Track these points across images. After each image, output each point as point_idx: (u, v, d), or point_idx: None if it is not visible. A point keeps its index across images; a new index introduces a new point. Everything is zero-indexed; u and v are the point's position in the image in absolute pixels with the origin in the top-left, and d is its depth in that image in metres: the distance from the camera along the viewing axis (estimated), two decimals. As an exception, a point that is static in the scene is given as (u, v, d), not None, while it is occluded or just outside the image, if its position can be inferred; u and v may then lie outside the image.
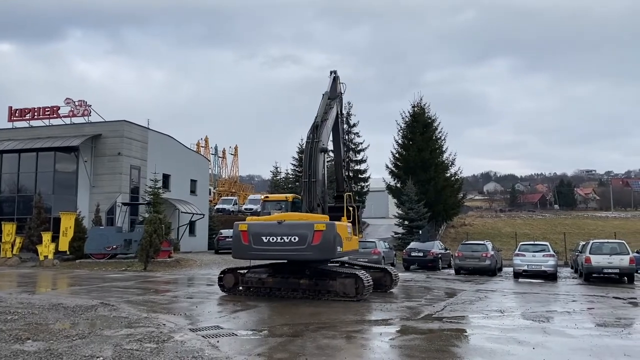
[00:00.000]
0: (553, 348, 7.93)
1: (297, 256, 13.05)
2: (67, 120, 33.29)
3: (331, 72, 17.29)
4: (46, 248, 26.23)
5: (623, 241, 21.14)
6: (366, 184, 46.76)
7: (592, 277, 19.85)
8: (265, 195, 15.56)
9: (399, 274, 16.90)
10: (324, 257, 13.20)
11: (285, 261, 14.35)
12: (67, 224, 27.26)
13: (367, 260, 20.67)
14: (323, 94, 16.32)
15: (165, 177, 35.26)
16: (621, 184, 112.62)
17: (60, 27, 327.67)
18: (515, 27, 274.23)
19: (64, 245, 26.97)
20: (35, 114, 33.64)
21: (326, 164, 15.69)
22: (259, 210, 17.65)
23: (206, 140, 71.78)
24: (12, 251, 27.30)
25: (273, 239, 12.82)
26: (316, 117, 15.25)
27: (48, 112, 33.43)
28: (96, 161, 32.22)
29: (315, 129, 14.86)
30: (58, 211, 29.45)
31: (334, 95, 16.67)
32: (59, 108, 33.19)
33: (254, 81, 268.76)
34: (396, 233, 38.22)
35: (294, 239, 12.75)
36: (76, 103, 32.94)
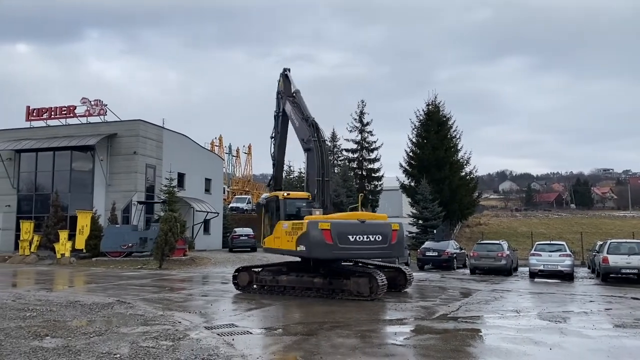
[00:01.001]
0: (570, 349, 7.84)
1: (380, 254, 13.74)
2: (84, 120, 33.70)
3: (284, 70, 17.21)
4: (63, 246, 26.58)
5: (641, 241, 20.82)
6: (380, 182, 46.58)
7: (609, 277, 19.57)
8: (287, 192, 15.37)
9: (413, 274, 16.80)
10: (399, 254, 14.81)
11: (300, 260, 14.38)
12: (84, 222, 27.59)
13: (381, 259, 20.59)
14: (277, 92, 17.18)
15: (180, 176, 35.51)
16: (639, 182, 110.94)
17: (77, 27, 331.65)
18: (530, 24, 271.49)
19: (80, 243, 27.30)
20: (52, 113, 34.09)
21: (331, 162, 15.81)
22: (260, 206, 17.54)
23: (220, 139, 72.04)
24: (30, 249, 27.72)
25: (359, 238, 12.95)
26: (309, 116, 15.24)
27: (65, 112, 33.86)
28: (112, 160, 32.55)
29: (316, 128, 14.86)
30: (75, 209, 29.84)
31: (288, 94, 16.55)
32: (75, 108, 33.63)
33: (267, 80, 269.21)
34: (410, 232, 38.02)
35: (378, 237, 13.17)
36: (92, 102, 33.32)
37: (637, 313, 11.78)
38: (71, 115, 33.78)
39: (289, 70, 17.18)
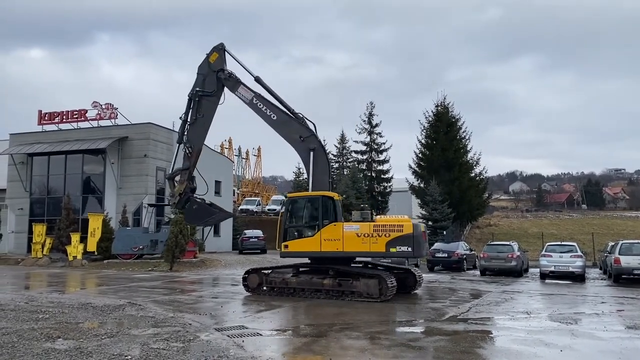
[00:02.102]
0: (581, 350, 7.80)
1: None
2: (95, 123, 33.98)
3: (220, 45, 15.89)
4: (75, 248, 26.80)
5: (654, 242, 20.61)
6: (389, 184, 46.54)
7: (621, 278, 19.40)
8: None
9: (423, 275, 16.78)
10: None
11: (309, 261, 14.42)
12: (95, 224, 27.81)
13: (390, 261, 20.57)
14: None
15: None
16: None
17: (88, 32, 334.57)
18: (540, 24, 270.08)
19: (92, 245, 27.52)
20: (64, 117, 34.40)
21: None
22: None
23: (230, 142, 72.26)
24: (42, 251, 27.96)
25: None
26: (293, 110, 15.05)
27: (76, 116, 34.15)
28: (123, 163, 32.80)
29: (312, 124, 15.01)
30: (86, 212, 30.13)
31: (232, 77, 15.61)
32: (86, 111, 33.91)
33: (276, 82, 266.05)
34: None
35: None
36: (103, 106, 33.58)
37: (650, 314, 11.67)
38: (82, 119, 34.07)
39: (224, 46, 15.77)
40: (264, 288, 14.61)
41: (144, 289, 16.14)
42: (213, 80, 15.60)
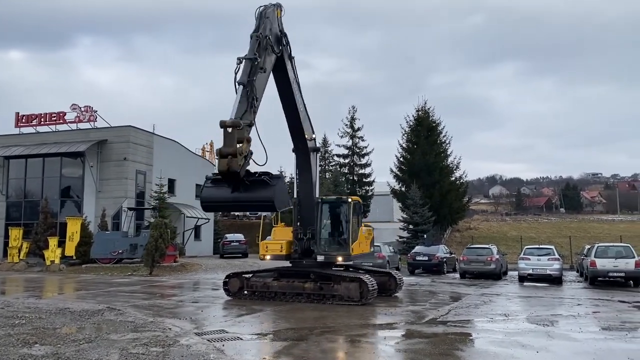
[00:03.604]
0: (557, 352, 7.95)
1: None
2: (74, 126, 33.57)
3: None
4: (53, 253, 26.39)
5: (629, 245, 21.05)
6: (371, 187, 46.76)
7: (597, 280, 19.77)
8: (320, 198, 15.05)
9: (404, 278, 16.91)
10: None
11: (290, 265, 14.45)
12: (74, 228, 27.42)
13: (371, 264, 20.68)
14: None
15: (171, 182, 35.43)
16: (627, 187, 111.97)
17: (69, 35, 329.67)
18: (523, 31, 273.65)
19: (70, 250, 27.11)
20: (42, 119, 33.93)
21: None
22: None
23: (211, 145, 71.70)
24: (19, 256, 27.46)
25: None
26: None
27: (54, 118, 33.70)
28: (102, 166, 32.43)
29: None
30: (64, 216, 29.66)
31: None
32: (65, 114, 33.50)
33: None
34: (401, 237, 38.17)
35: None
36: (82, 109, 33.22)
37: (624, 316, 11.94)
38: (61, 121, 33.62)
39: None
40: (245, 292, 14.57)
41: (124, 293, 15.98)
42: (275, 39, 12.96)
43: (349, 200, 14.64)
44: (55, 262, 26.12)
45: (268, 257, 14.55)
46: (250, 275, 14.76)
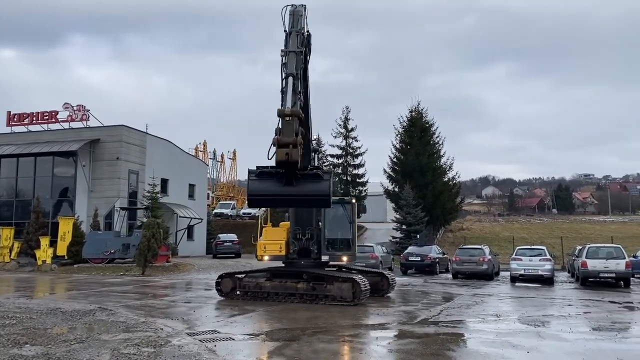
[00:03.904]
0: (547, 352, 8.01)
1: None
2: (66, 125, 33.37)
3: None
4: (44, 252, 26.24)
5: (619, 245, 21.22)
6: (364, 188, 46.87)
7: (588, 281, 19.92)
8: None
9: (397, 279, 16.96)
10: None
11: (283, 265, 14.46)
12: (65, 228, 27.28)
13: (364, 264, 20.72)
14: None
15: (164, 182, 35.29)
16: (619, 188, 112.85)
17: (62, 33, 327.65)
18: (515, 32, 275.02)
19: (62, 249, 26.97)
20: (34, 118, 33.69)
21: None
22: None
23: (204, 145, 71.84)
24: (10, 256, 27.30)
25: None
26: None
27: (46, 117, 33.49)
28: (94, 166, 32.26)
29: None
30: (56, 216, 29.50)
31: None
32: (57, 113, 33.29)
33: (255, 86, 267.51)
34: (394, 237, 38.26)
35: None
36: (74, 108, 33.02)
37: (614, 316, 12.04)
38: (53, 120, 33.42)
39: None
40: (238, 292, 14.55)
41: (115, 293, 15.92)
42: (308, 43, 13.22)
43: (353, 201, 14.98)
44: (47, 262, 25.97)
45: (266, 257, 14.65)
46: (243, 275, 14.75)
